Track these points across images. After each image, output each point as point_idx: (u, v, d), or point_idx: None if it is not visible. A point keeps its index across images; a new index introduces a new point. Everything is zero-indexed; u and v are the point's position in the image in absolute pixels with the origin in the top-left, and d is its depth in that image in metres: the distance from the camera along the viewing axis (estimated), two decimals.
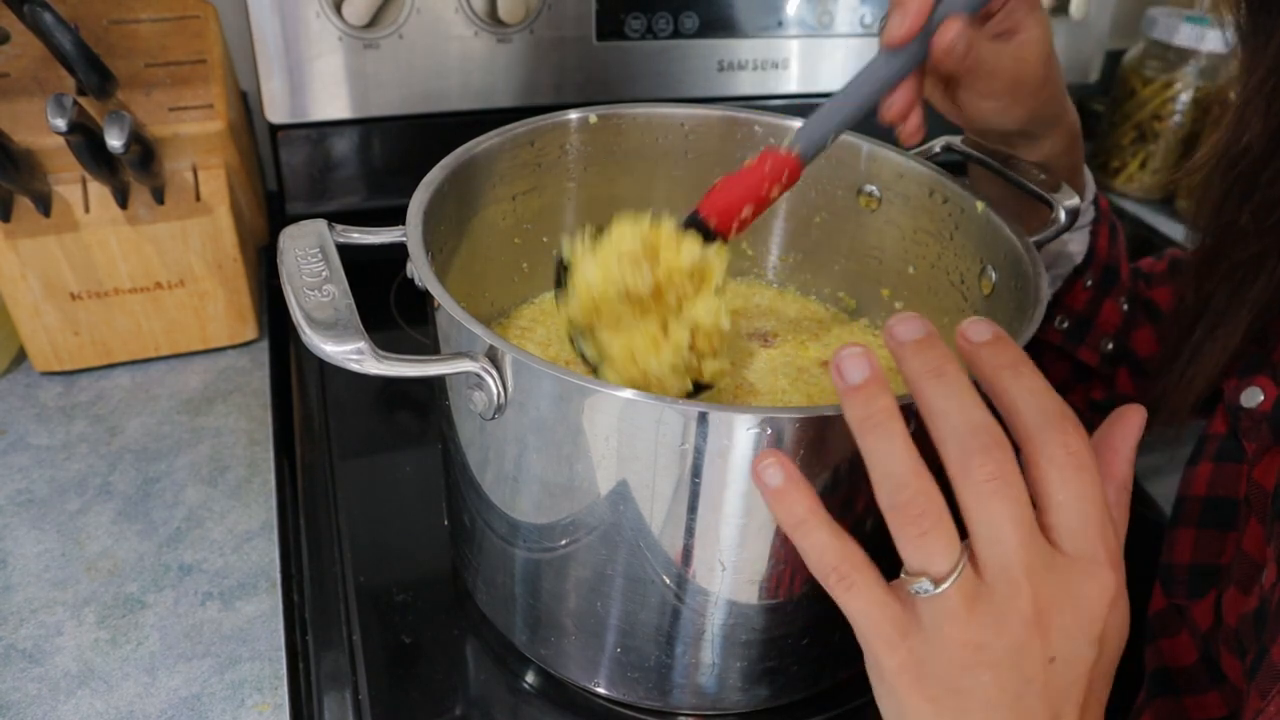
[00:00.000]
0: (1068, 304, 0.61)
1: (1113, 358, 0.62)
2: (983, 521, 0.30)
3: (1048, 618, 0.30)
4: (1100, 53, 1.04)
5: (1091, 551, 0.30)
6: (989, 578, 0.30)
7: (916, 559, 0.30)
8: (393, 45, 0.78)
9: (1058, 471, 0.30)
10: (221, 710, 0.48)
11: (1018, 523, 0.30)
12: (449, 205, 0.50)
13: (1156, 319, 0.62)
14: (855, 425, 0.32)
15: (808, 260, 0.64)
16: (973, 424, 0.30)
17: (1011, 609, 0.30)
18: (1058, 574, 0.30)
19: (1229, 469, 0.47)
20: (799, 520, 0.33)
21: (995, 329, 0.32)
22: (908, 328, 0.32)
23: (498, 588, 0.49)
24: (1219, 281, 0.46)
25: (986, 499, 0.30)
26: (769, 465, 0.33)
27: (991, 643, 0.30)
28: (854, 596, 0.32)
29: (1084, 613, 0.30)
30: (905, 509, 0.30)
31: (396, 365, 0.36)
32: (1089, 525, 0.30)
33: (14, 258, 0.63)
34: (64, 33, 0.57)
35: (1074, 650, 0.31)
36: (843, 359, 0.32)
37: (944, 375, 0.31)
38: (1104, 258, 0.59)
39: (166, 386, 0.69)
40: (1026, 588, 0.30)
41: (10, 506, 0.58)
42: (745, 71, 0.89)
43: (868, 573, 0.32)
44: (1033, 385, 0.31)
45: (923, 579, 0.30)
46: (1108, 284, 0.60)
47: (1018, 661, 0.30)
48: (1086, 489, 0.30)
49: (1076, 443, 0.30)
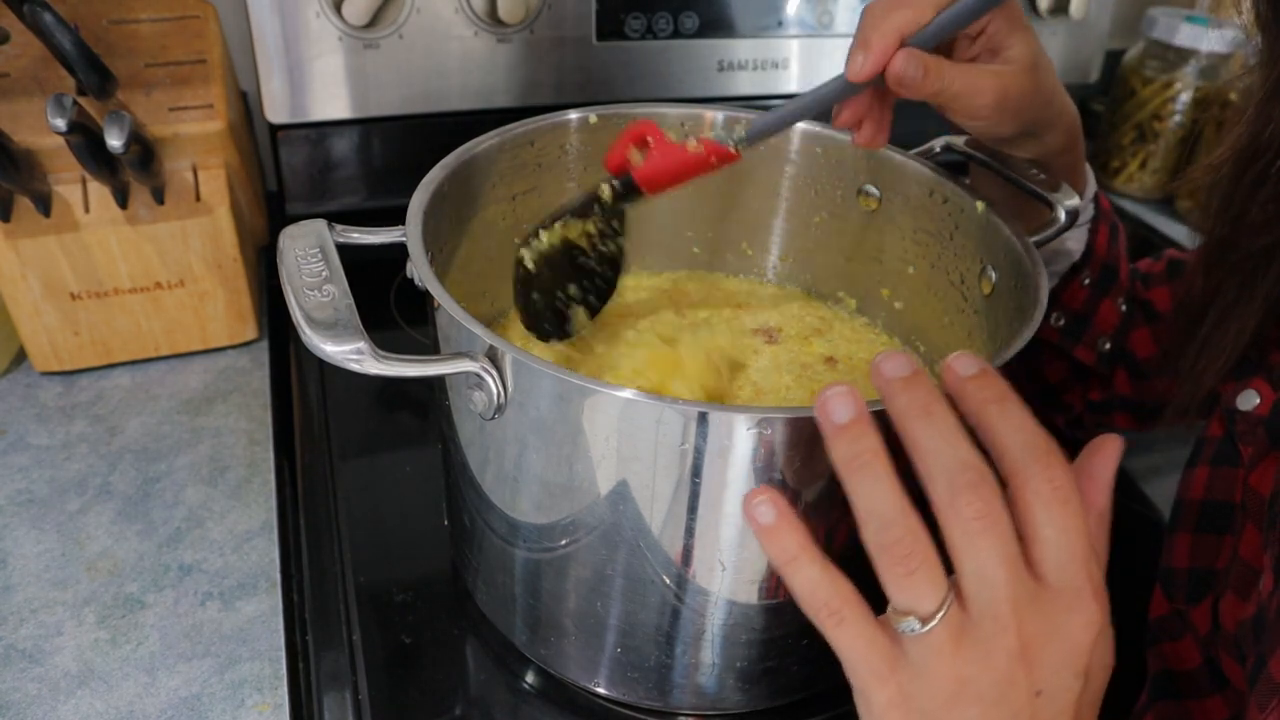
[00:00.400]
0: (1065, 302, 0.60)
1: (1110, 358, 0.62)
2: (970, 559, 0.30)
3: (1033, 652, 0.30)
4: (1100, 53, 1.04)
5: (1076, 585, 0.31)
6: (975, 613, 0.31)
7: (903, 599, 0.31)
8: (393, 45, 0.78)
9: (1043, 506, 0.30)
10: (221, 710, 0.48)
11: (1004, 560, 0.30)
12: (449, 205, 0.50)
13: (1154, 320, 0.61)
14: (841, 465, 0.32)
15: (808, 260, 0.64)
16: (960, 461, 0.30)
17: (998, 645, 0.30)
18: (1043, 608, 0.31)
19: (1225, 473, 0.46)
20: (791, 557, 0.33)
21: (981, 363, 0.33)
22: (894, 365, 0.32)
23: (498, 588, 0.49)
24: (1228, 274, 0.45)
25: (974, 537, 0.30)
26: (761, 502, 0.33)
27: (978, 677, 0.31)
28: (844, 632, 0.32)
29: (1069, 646, 0.31)
30: (892, 549, 0.31)
31: (396, 365, 0.36)
32: (1074, 559, 0.31)
33: (14, 258, 0.63)
34: (64, 33, 0.57)
35: (1060, 683, 0.31)
36: (828, 399, 0.32)
37: (931, 414, 0.31)
38: (1103, 256, 0.59)
39: (166, 386, 0.69)
40: (1013, 623, 0.30)
41: (10, 506, 0.58)
42: (745, 71, 0.89)
43: (858, 609, 0.32)
44: (1018, 420, 0.31)
45: (910, 618, 0.31)
46: (1106, 283, 0.60)
47: (1004, 695, 0.31)
48: (1071, 522, 0.31)
49: (1061, 477, 0.31)
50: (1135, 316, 0.62)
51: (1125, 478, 0.68)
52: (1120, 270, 0.61)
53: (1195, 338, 0.47)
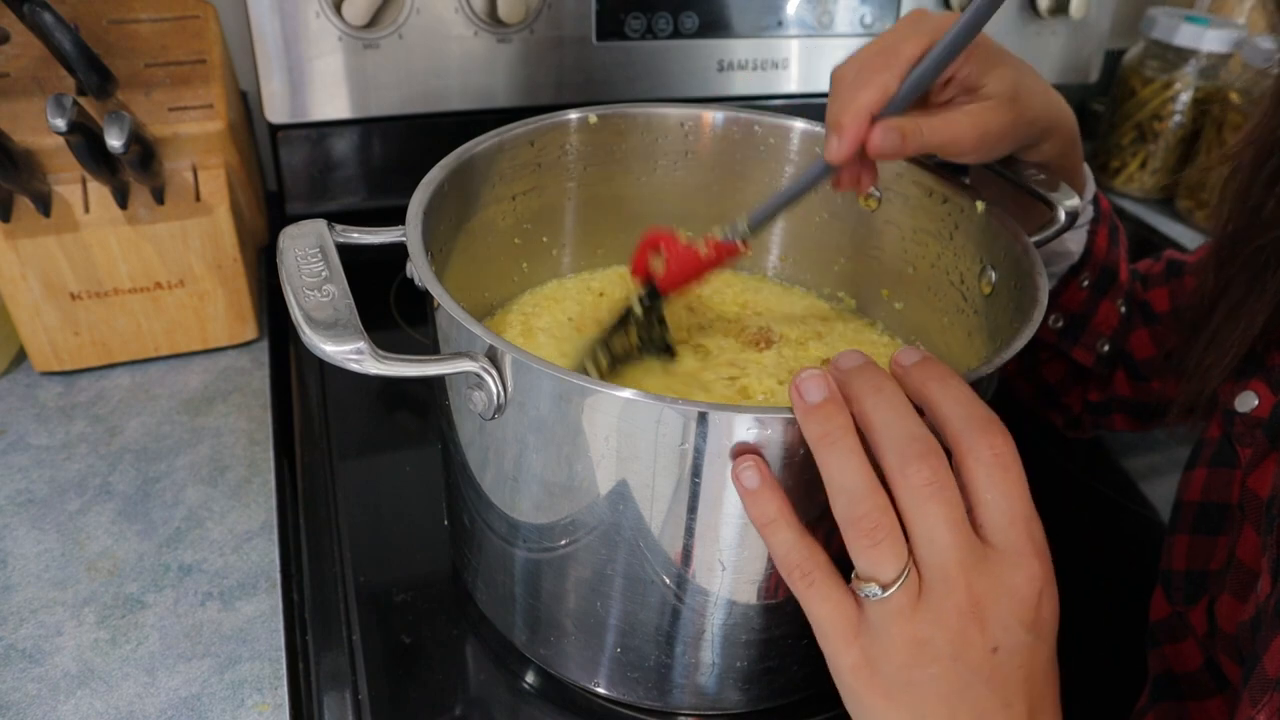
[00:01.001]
0: (1063, 303, 0.60)
1: (1109, 359, 0.62)
2: (919, 523, 0.32)
3: (983, 609, 0.32)
4: (1100, 53, 1.04)
5: (1018, 544, 0.33)
6: (927, 576, 0.33)
7: (867, 566, 0.33)
8: (393, 45, 0.78)
9: (984, 471, 0.33)
10: (221, 710, 0.48)
11: (951, 523, 0.32)
12: (449, 205, 0.50)
13: (1153, 321, 0.61)
14: (813, 442, 0.34)
15: (808, 260, 0.64)
16: (909, 434, 0.33)
17: (949, 604, 0.32)
18: (990, 567, 0.32)
19: (1223, 474, 0.46)
20: (769, 520, 0.35)
21: (924, 353, 0.36)
22: (848, 358, 0.36)
23: (498, 588, 0.49)
24: (1240, 269, 0.45)
25: (922, 502, 0.32)
26: (747, 468, 0.35)
27: (934, 637, 0.32)
28: (814, 593, 0.35)
29: (1017, 600, 0.33)
30: (860, 522, 0.33)
31: (396, 365, 0.36)
32: (1015, 520, 0.33)
33: (14, 258, 0.63)
34: (64, 33, 0.58)
35: (1013, 639, 0.33)
36: (802, 380, 0.35)
37: (881, 390, 0.34)
38: (1102, 258, 0.59)
39: (166, 386, 0.69)
40: (961, 582, 0.32)
41: (10, 506, 0.58)
42: (745, 71, 0.89)
43: (828, 573, 0.35)
44: (959, 394, 0.34)
45: (872, 584, 0.33)
46: (1105, 285, 0.60)
47: (961, 652, 0.32)
48: (1012, 487, 0.33)
49: (1001, 444, 0.33)
50: (1134, 318, 0.62)
51: (1125, 478, 0.69)
52: (1120, 272, 0.61)
53: (1201, 335, 0.47)
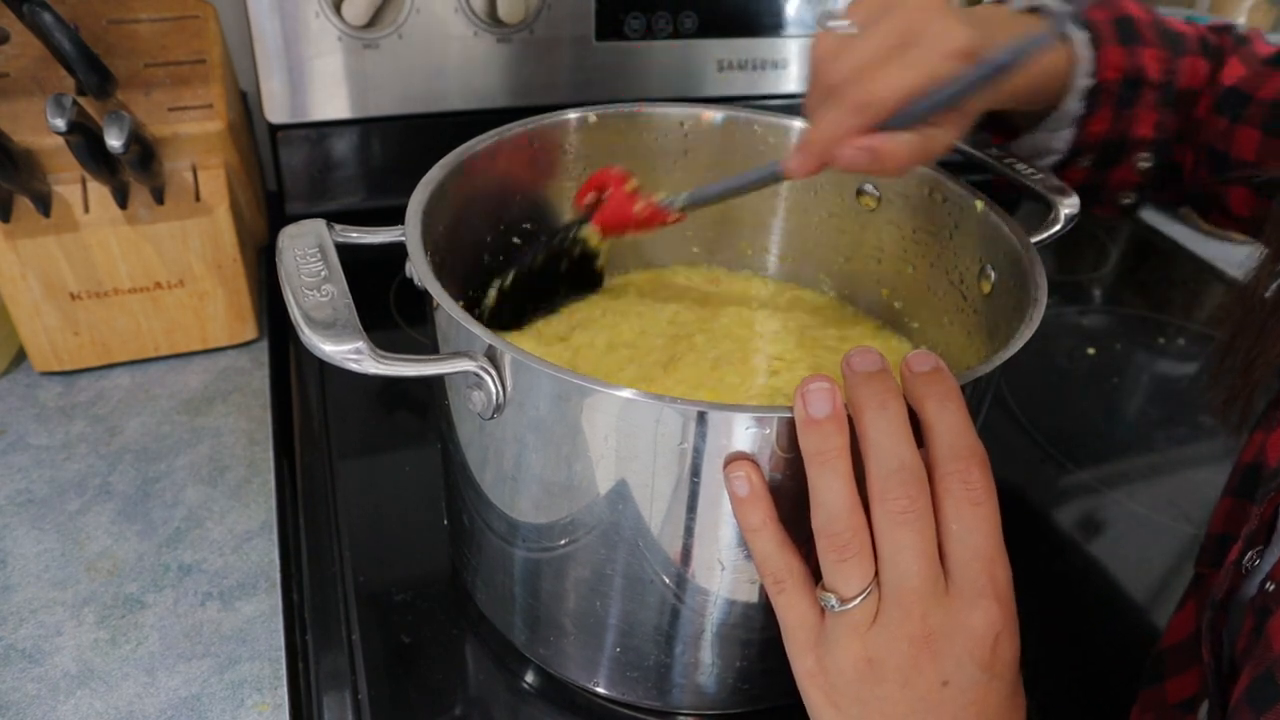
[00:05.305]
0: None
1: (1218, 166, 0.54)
2: (888, 546, 0.33)
3: (936, 643, 0.33)
4: None
5: (978, 583, 0.33)
6: (886, 599, 0.33)
7: (831, 579, 0.34)
8: (392, 45, 0.78)
9: (954, 504, 0.33)
10: (221, 710, 0.48)
11: (917, 551, 0.33)
12: (448, 205, 0.50)
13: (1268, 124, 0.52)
14: (807, 456, 0.34)
15: (807, 259, 0.64)
16: (900, 460, 0.33)
17: (902, 630, 0.33)
18: (948, 603, 0.33)
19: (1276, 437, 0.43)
20: (755, 528, 0.36)
21: (938, 363, 0.35)
22: (863, 360, 0.35)
23: (497, 588, 0.49)
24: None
25: (895, 528, 0.33)
26: (739, 476, 0.36)
27: (885, 659, 0.33)
28: (783, 600, 0.36)
29: (972, 640, 0.33)
30: (834, 538, 0.34)
31: (395, 365, 0.36)
32: (978, 556, 0.33)
33: (14, 258, 0.63)
34: (64, 33, 0.58)
35: (966, 675, 0.33)
36: (809, 391, 0.34)
37: (885, 409, 0.34)
38: (1104, 134, 0.55)
39: (166, 386, 0.69)
40: (917, 610, 0.33)
41: (10, 506, 0.58)
42: (745, 71, 0.89)
43: (800, 582, 0.36)
44: (952, 421, 0.34)
45: (832, 595, 0.34)
46: (1112, 158, 0.56)
47: (910, 679, 0.33)
48: (981, 523, 0.33)
49: (978, 481, 0.33)
50: (1239, 115, 0.54)
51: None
52: (1133, 132, 0.55)
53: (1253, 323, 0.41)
